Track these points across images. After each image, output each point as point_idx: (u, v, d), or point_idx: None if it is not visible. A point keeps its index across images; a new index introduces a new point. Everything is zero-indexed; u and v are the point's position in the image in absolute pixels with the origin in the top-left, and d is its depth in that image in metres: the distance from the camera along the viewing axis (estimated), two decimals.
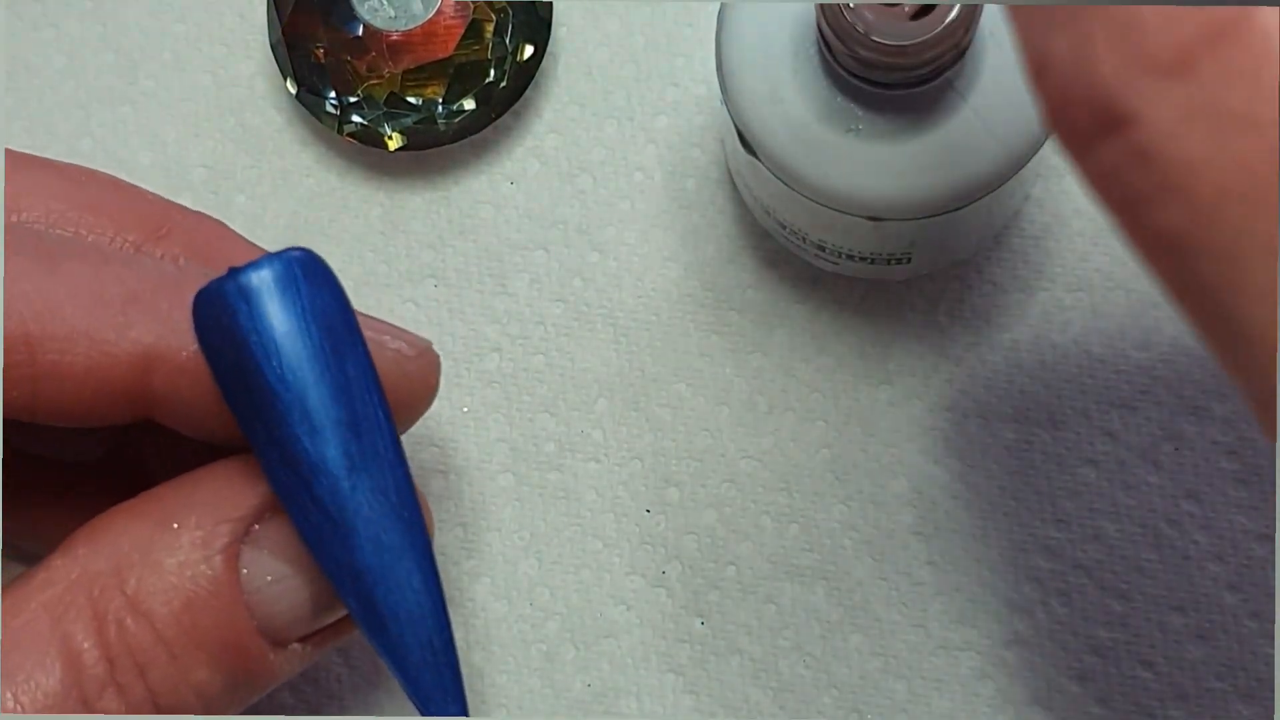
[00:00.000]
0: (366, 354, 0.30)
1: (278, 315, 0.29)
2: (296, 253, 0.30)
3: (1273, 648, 0.37)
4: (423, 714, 0.29)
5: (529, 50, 0.39)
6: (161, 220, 0.33)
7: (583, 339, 0.39)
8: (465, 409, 0.39)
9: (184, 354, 0.29)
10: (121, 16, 0.41)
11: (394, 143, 0.39)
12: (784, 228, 0.36)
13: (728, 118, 0.34)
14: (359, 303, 0.30)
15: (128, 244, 0.32)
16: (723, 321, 0.39)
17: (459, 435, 0.39)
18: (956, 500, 0.38)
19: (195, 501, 0.30)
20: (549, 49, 0.39)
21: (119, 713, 0.28)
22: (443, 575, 0.38)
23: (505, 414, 0.39)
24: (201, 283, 0.30)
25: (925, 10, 0.30)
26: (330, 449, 0.29)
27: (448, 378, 0.39)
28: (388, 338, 0.31)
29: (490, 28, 0.39)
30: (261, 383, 0.29)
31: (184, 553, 0.29)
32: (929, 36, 0.30)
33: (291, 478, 0.29)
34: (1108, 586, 0.37)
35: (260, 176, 0.40)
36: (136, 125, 0.41)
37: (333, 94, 0.39)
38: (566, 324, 0.39)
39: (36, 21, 0.41)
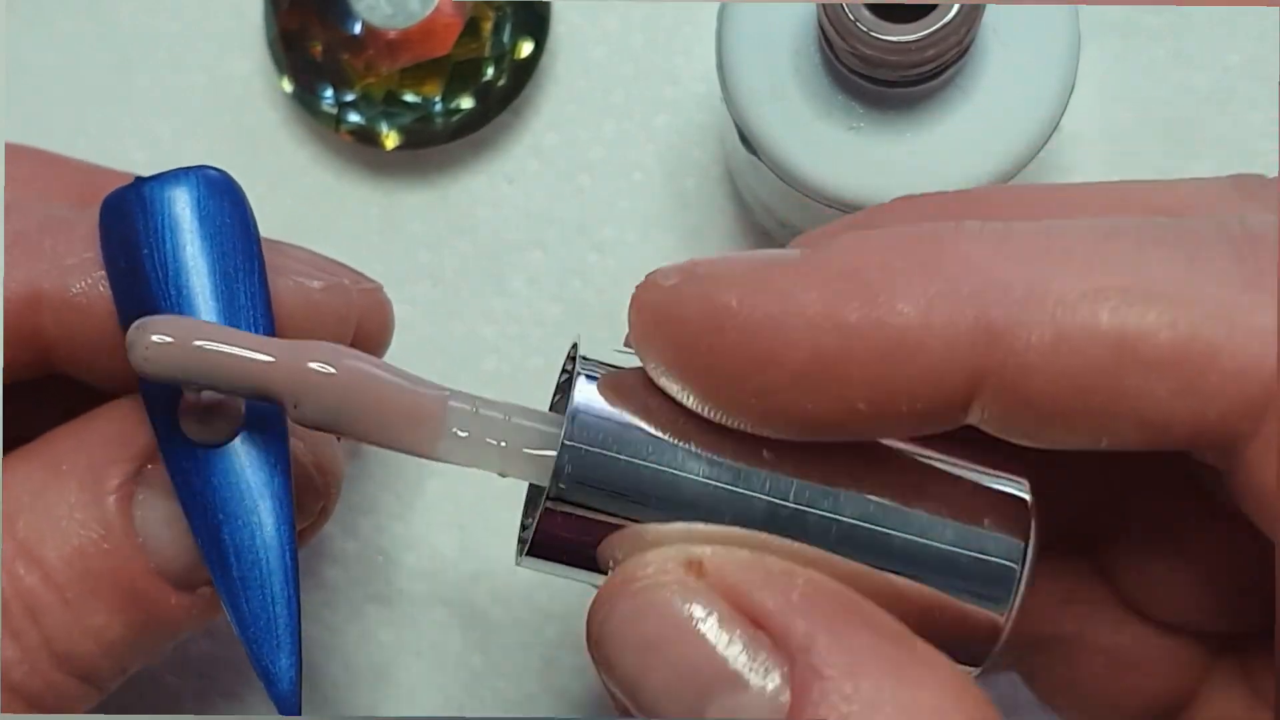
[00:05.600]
0: (263, 284, 0.29)
1: (173, 231, 0.28)
2: (208, 171, 0.29)
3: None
4: (253, 663, 0.28)
5: (527, 48, 0.39)
6: (88, 186, 0.32)
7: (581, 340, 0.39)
8: None
9: (73, 291, 0.29)
10: (116, 14, 0.41)
11: (391, 141, 0.39)
12: (784, 226, 0.36)
13: (728, 116, 0.34)
14: None
15: None
16: None
17: None
18: None
19: (85, 443, 0.29)
20: (547, 46, 0.39)
21: (16, 659, 0.28)
22: (441, 578, 0.38)
23: None
24: (94, 220, 0.29)
25: (927, 8, 0.30)
26: None
27: (445, 378, 0.39)
28: (290, 267, 0.30)
29: (488, 25, 0.38)
30: (148, 297, 0.28)
31: (73, 495, 0.28)
32: (931, 34, 0.30)
33: (162, 401, 0.28)
34: None
35: (256, 175, 0.40)
36: (131, 123, 0.40)
37: (329, 92, 0.39)
38: (565, 325, 0.39)
39: (31, 19, 0.41)
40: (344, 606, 0.38)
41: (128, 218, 0.28)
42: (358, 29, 0.38)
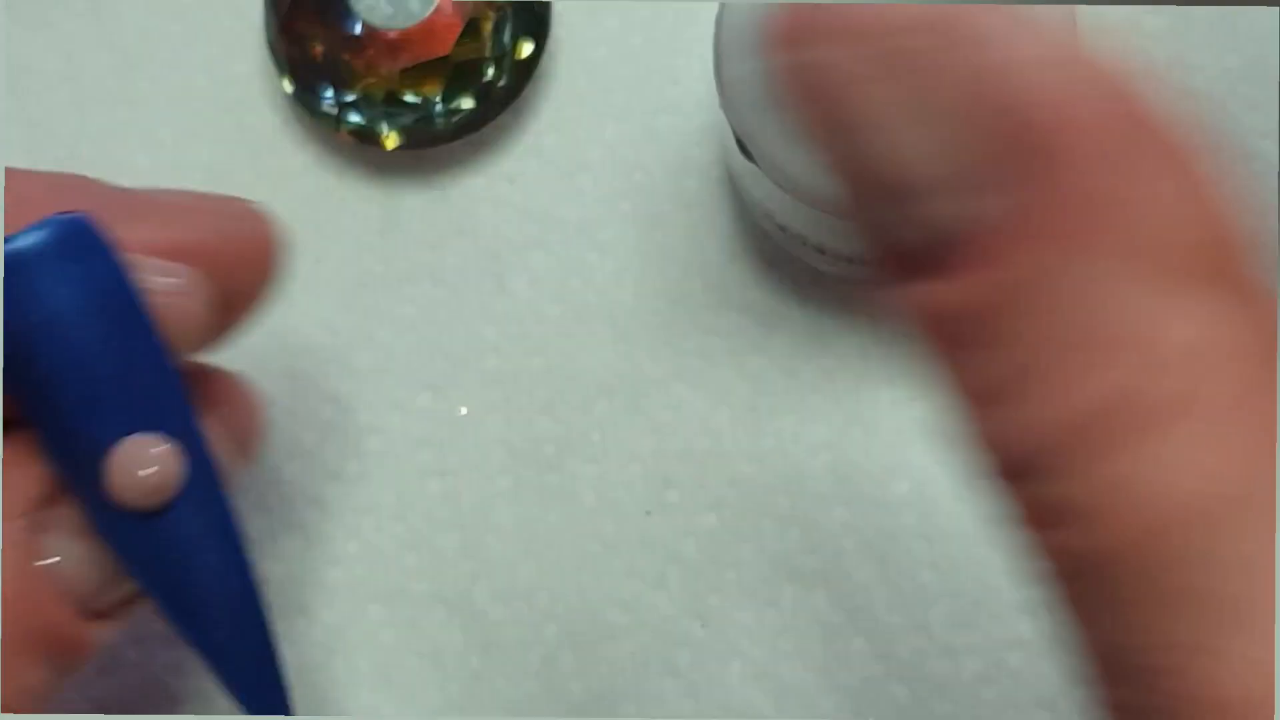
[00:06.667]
0: (150, 318, 0.27)
1: (49, 289, 0.26)
2: (67, 218, 0.26)
3: None
4: (243, 707, 0.27)
5: (528, 48, 0.39)
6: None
7: (582, 340, 0.39)
8: (463, 410, 0.39)
9: None
10: (118, 17, 0.41)
11: (392, 141, 0.39)
12: (784, 230, 0.36)
13: (726, 122, 0.34)
14: (357, 303, 0.30)
15: None
16: (723, 322, 0.39)
17: (457, 437, 0.39)
18: (959, 502, 0.38)
19: None
20: (548, 47, 0.39)
21: None
22: (442, 577, 0.38)
23: (504, 415, 0.39)
24: None
25: None
26: (115, 432, 0.26)
27: (446, 377, 0.39)
28: (157, 282, 0.28)
29: (489, 25, 0.39)
30: (37, 364, 0.26)
31: None
32: None
33: (79, 467, 0.27)
34: None
35: (258, 176, 0.40)
36: (134, 126, 0.41)
37: (330, 93, 0.39)
38: (565, 324, 0.39)
39: (33, 22, 0.41)
40: (345, 607, 0.38)
41: None
42: (358, 29, 0.38)
